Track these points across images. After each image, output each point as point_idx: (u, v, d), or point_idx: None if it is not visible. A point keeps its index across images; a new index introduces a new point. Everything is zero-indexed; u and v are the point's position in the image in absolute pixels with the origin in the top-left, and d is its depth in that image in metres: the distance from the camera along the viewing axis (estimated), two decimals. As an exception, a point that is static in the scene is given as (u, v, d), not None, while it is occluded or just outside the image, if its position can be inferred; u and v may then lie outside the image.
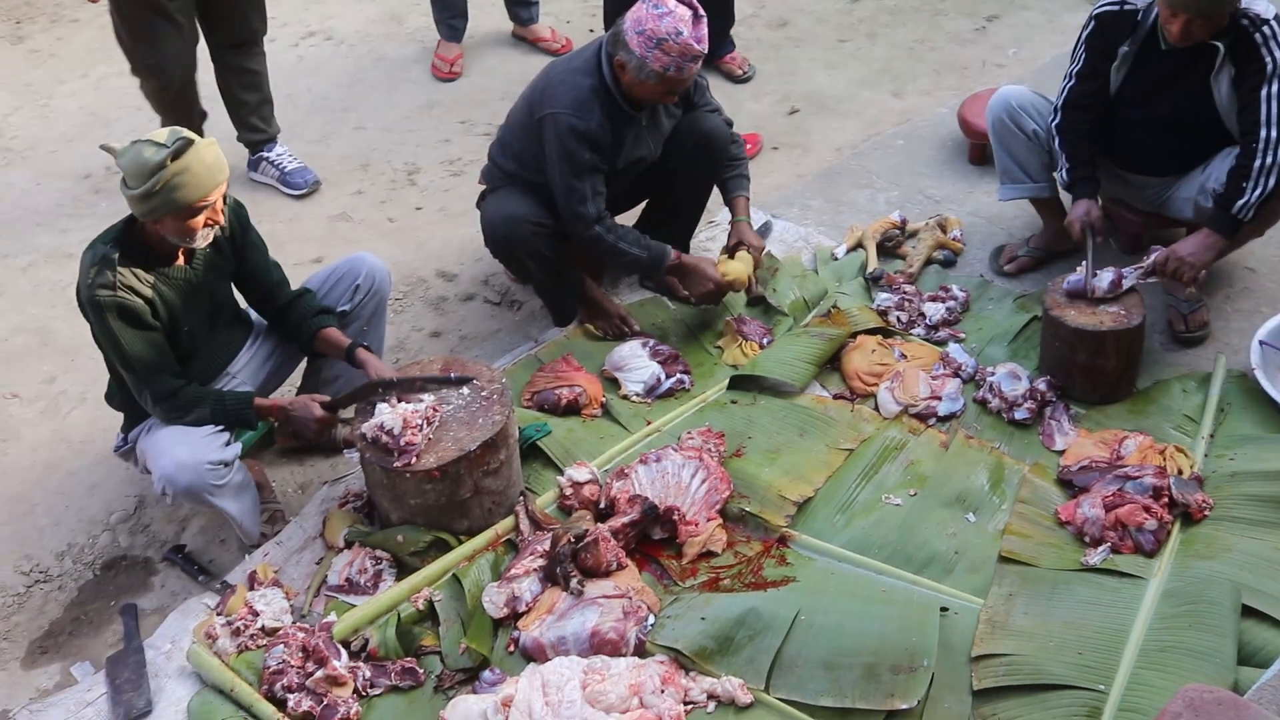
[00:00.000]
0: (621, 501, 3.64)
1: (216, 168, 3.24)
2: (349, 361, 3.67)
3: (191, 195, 3.19)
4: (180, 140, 3.15)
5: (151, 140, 3.17)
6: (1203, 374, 4.10)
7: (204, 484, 3.41)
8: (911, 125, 5.67)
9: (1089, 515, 3.55)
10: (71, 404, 4.36)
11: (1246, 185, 3.87)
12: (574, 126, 3.97)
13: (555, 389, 4.10)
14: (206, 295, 3.52)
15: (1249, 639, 3.17)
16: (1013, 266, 4.65)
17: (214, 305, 3.59)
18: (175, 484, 3.39)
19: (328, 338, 3.70)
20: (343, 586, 3.56)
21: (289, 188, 5.47)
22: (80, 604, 3.70)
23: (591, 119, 3.98)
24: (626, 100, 4.03)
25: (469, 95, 6.12)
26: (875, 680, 3.14)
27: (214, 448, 3.44)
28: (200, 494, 3.44)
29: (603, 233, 4.13)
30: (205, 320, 3.56)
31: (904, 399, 4.06)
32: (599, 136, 4.00)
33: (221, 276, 3.59)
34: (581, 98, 3.99)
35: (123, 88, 6.24)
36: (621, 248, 4.17)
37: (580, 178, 4.05)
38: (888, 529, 3.65)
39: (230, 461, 3.49)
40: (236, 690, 3.25)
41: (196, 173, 3.17)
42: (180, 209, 3.21)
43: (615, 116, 4.04)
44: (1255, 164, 3.85)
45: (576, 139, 3.98)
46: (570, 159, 4.02)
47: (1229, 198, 3.91)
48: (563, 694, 3.12)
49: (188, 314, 3.46)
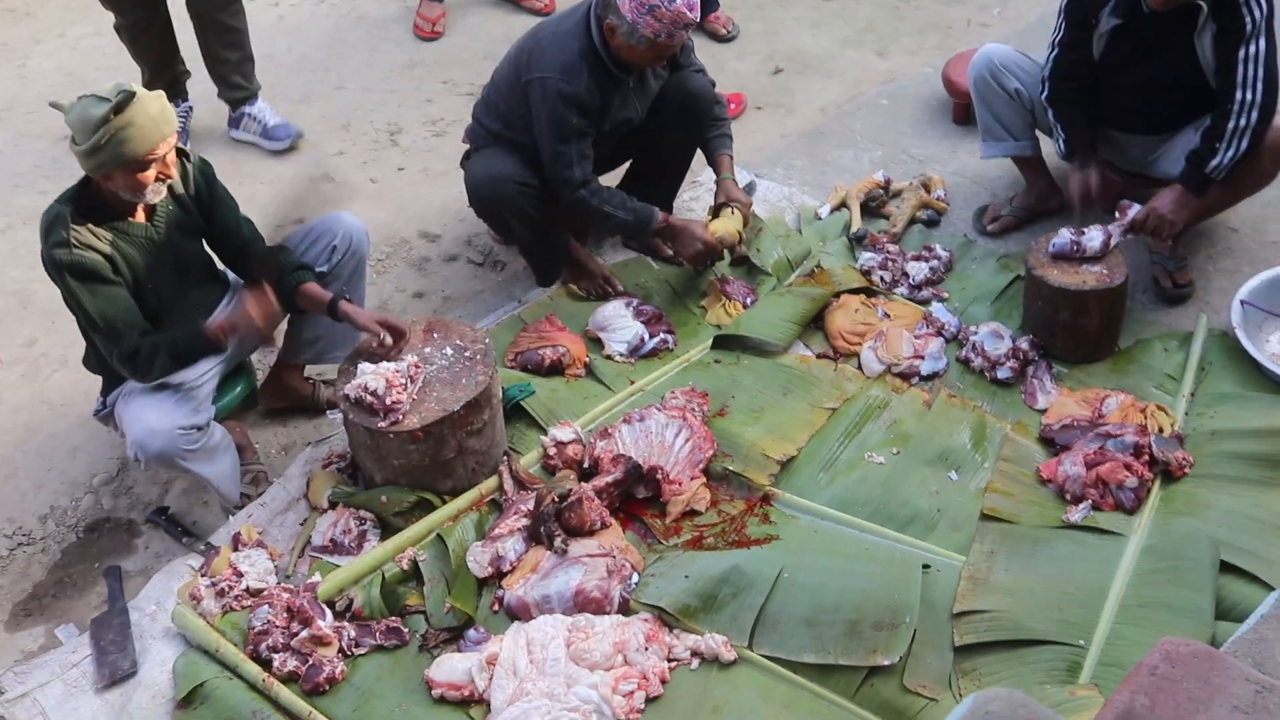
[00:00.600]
0: (605, 461, 3.65)
1: (162, 120, 3.21)
2: (331, 316, 3.63)
3: (138, 148, 3.17)
4: (123, 93, 3.13)
5: (96, 95, 3.15)
6: (1184, 333, 4.12)
7: (176, 449, 3.40)
8: (896, 85, 5.65)
9: (1070, 473, 3.57)
10: (52, 366, 4.34)
11: (1219, 146, 3.89)
12: (562, 91, 3.95)
13: (539, 349, 4.10)
14: (171, 254, 3.49)
15: (1227, 594, 3.20)
16: (996, 226, 4.66)
17: (181, 264, 3.54)
18: (146, 450, 3.38)
19: (308, 293, 3.63)
20: (327, 547, 3.57)
21: (271, 141, 5.44)
22: (64, 566, 3.70)
23: (579, 83, 3.96)
24: (615, 63, 4.01)
25: (451, 55, 6.08)
26: (857, 637, 3.16)
27: (185, 412, 3.42)
28: (173, 459, 3.42)
29: (588, 196, 4.12)
30: (173, 279, 3.52)
31: (887, 358, 4.07)
32: (587, 101, 3.98)
33: (189, 235, 3.55)
34: (570, 62, 3.96)
35: (100, 48, 6.19)
36: (607, 210, 4.16)
37: (567, 142, 4.03)
38: (870, 487, 3.67)
39: (204, 425, 3.47)
40: (221, 651, 3.26)
41: (141, 125, 3.15)
42: (127, 162, 3.19)
43: (603, 80, 4.02)
44: (1229, 125, 3.86)
45: (564, 103, 3.96)
46: (558, 124, 4.00)
47: (1202, 157, 3.92)
48: (547, 652, 3.14)
49: (151, 273, 3.42)
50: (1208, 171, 3.92)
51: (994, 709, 1.77)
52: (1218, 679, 2.09)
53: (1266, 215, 4.57)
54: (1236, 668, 2.10)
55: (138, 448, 3.39)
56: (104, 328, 3.33)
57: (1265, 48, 3.85)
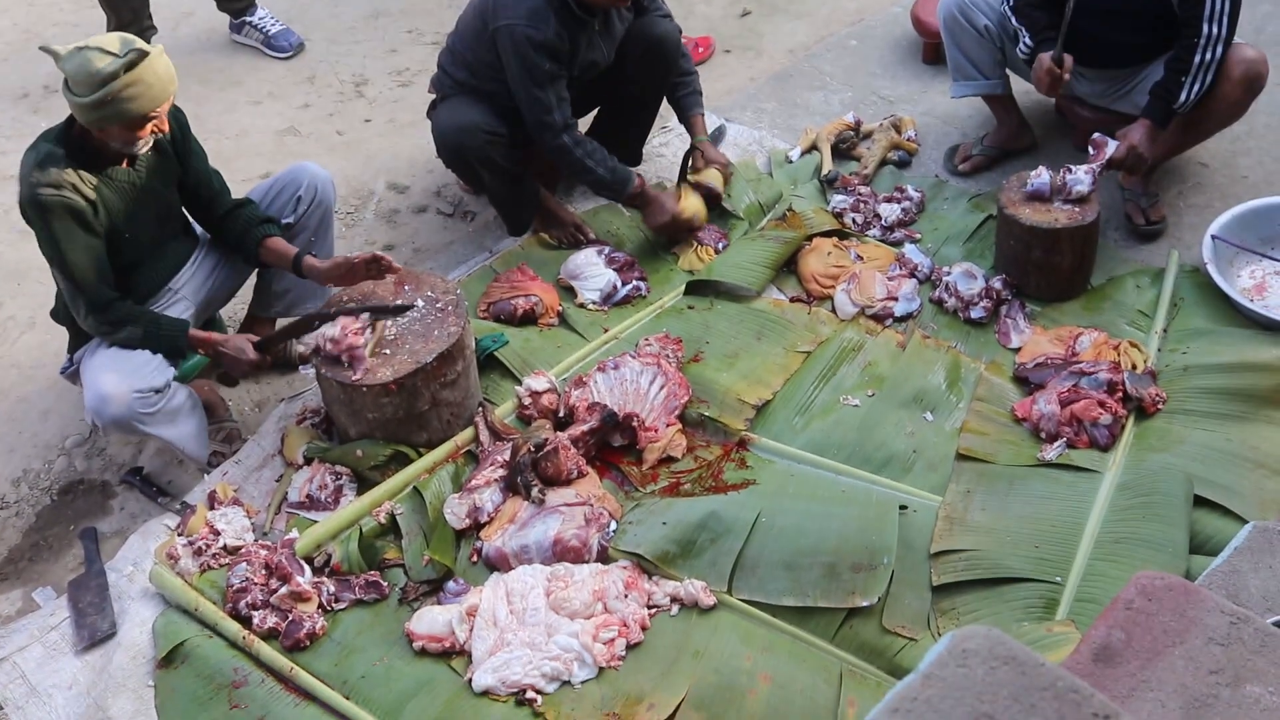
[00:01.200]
0: (580, 409, 3.64)
1: (168, 79, 3.20)
2: (295, 272, 3.62)
3: (144, 106, 3.15)
4: (134, 51, 3.09)
5: (103, 48, 3.09)
6: (1156, 269, 4.13)
7: (133, 414, 3.36)
8: (865, 25, 5.61)
9: (1045, 411, 3.58)
10: (20, 329, 4.29)
11: (1185, 79, 3.89)
12: (530, 36, 3.90)
13: (511, 299, 4.08)
14: (151, 200, 3.46)
15: (1200, 528, 3.22)
16: (967, 166, 4.64)
17: (159, 212, 3.52)
18: (102, 415, 3.35)
19: (273, 248, 3.63)
20: (304, 503, 3.56)
21: (274, 50, 5.59)
22: (39, 529, 3.68)
23: (547, 28, 3.91)
24: (580, 5, 3.96)
25: (415, 4, 6.00)
26: (836, 579, 3.17)
27: (144, 374, 3.38)
28: (130, 423, 3.38)
29: (570, 144, 4.08)
30: (152, 227, 3.50)
31: (861, 300, 4.07)
32: (556, 45, 3.94)
33: (166, 181, 3.52)
34: (536, 6, 3.91)
35: (55, 3, 6.09)
36: (588, 164, 4.12)
37: (543, 87, 3.99)
38: (846, 430, 3.67)
39: (162, 388, 3.42)
40: (200, 609, 3.25)
41: (150, 84, 3.13)
42: (130, 118, 3.16)
43: (569, 23, 3.97)
44: (1195, 59, 3.85)
45: (534, 49, 3.92)
46: (530, 69, 3.95)
47: (1170, 91, 3.92)
48: (527, 602, 3.15)
49: (130, 220, 3.40)
50: (1175, 107, 3.91)
51: (971, 646, 1.77)
52: (1193, 612, 2.10)
53: (1236, 150, 4.58)
54: (1211, 600, 2.12)
55: (94, 413, 3.36)
56: (75, 275, 3.30)
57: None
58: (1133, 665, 2.05)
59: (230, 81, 5.52)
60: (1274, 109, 4.71)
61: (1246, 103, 4.02)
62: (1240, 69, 3.91)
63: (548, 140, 4.09)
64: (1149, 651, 2.06)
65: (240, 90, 5.47)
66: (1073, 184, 3.93)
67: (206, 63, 5.61)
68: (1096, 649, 2.09)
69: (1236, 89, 3.94)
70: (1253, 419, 3.52)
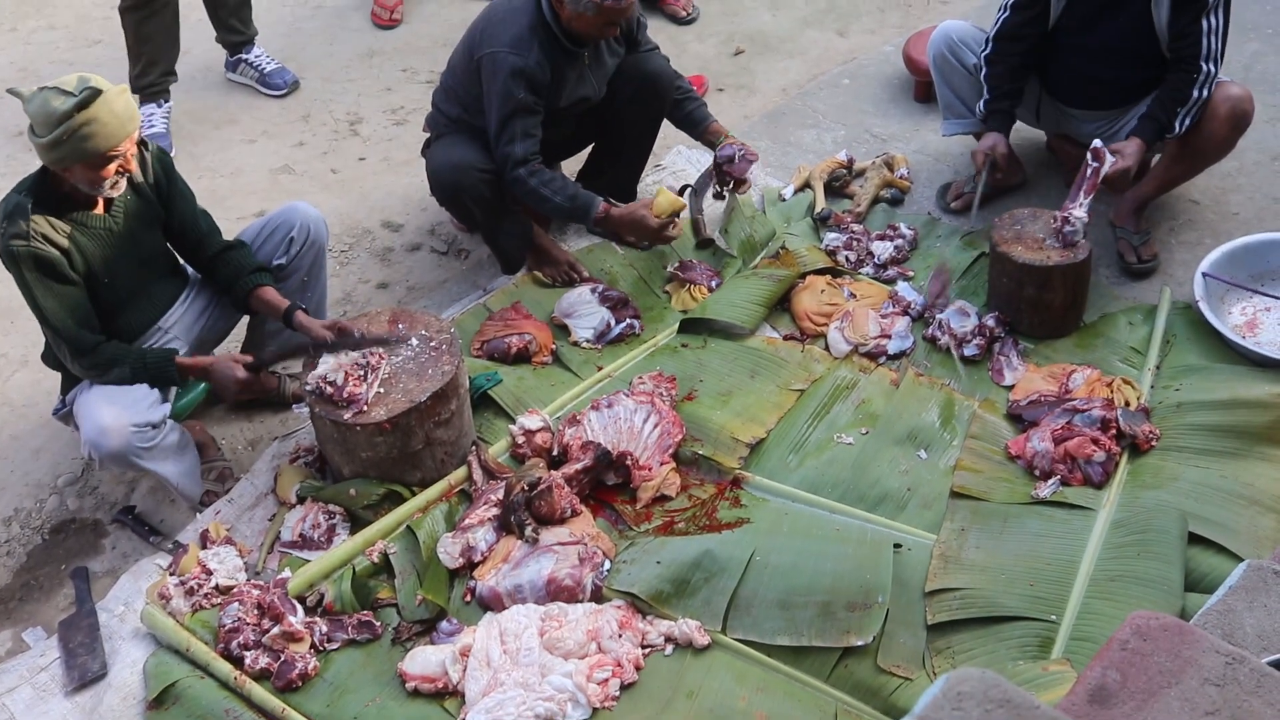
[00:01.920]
0: (574, 448, 3.64)
1: (126, 117, 3.19)
2: (287, 324, 3.61)
3: (101, 145, 3.14)
4: (88, 90, 3.10)
5: (59, 88, 3.11)
6: (1148, 306, 4.14)
7: (131, 448, 3.36)
8: (857, 64, 5.65)
9: (1038, 449, 3.58)
10: (13, 367, 4.28)
11: (1181, 110, 3.95)
12: (513, 64, 3.92)
13: (505, 337, 4.08)
14: (131, 245, 3.45)
15: (1196, 565, 3.22)
16: (960, 203, 4.66)
17: (142, 256, 3.51)
18: (100, 449, 3.34)
19: (264, 298, 3.63)
20: (296, 542, 3.54)
21: (269, 88, 5.63)
22: (30, 569, 3.66)
23: (530, 56, 3.92)
24: (567, 36, 3.98)
25: (410, 43, 6.03)
26: (831, 618, 3.16)
27: (141, 409, 3.39)
28: (128, 458, 3.38)
29: (525, 175, 4.07)
30: (133, 271, 3.49)
31: (854, 338, 4.07)
32: (537, 74, 3.95)
33: (149, 225, 3.51)
34: (519, 34, 3.93)
35: (53, 41, 6.11)
36: (544, 194, 4.10)
37: (512, 117, 3.99)
38: (840, 468, 3.67)
39: (159, 423, 3.43)
40: (192, 649, 3.23)
41: (106, 123, 3.12)
42: (90, 158, 3.16)
43: (555, 53, 3.99)
44: (1193, 93, 3.92)
45: (513, 76, 3.93)
46: (504, 98, 3.96)
47: (1164, 120, 3.99)
48: (521, 641, 3.13)
49: (109, 265, 3.39)
50: (1167, 135, 4.01)
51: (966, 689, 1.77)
52: (1188, 652, 2.10)
53: (1226, 187, 4.60)
54: (1206, 640, 2.11)
55: (91, 446, 3.35)
56: (54, 323, 3.31)
57: (1224, 23, 3.89)
58: (1128, 706, 2.04)
59: (225, 119, 5.53)
60: (1263, 147, 4.75)
61: (1234, 140, 4.07)
62: (1226, 107, 3.96)
63: (506, 171, 4.09)
64: (1144, 692, 2.06)
65: (235, 128, 5.48)
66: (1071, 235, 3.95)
67: (202, 101, 5.63)
68: (1092, 690, 2.09)
69: (1223, 126, 3.99)
70: (1246, 456, 3.53)
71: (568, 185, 4.16)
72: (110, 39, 5.94)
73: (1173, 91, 3.96)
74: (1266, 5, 5.60)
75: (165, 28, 5.15)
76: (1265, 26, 5.46)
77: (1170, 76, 3.98)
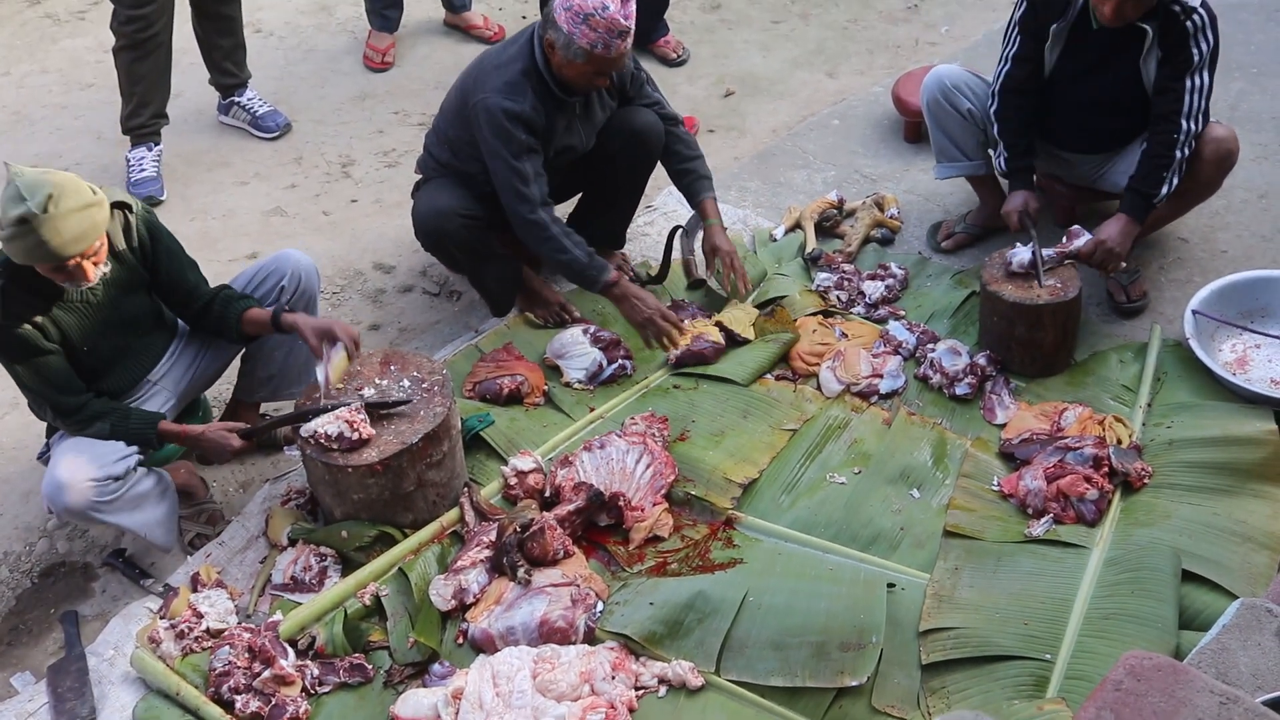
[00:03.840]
0: (567, 489, 3.63)
1: (80, 232, 3.08)
2: (277, 329, 3.58)
3: (58, 255, 3.07)
4: (40, 201, 3.00)
5: (19, 190, 3.01)
6: (1139, 344, 4.15)
7: (88, 503, 3.30)
8: (846, 105, 5.69)
9: (1031, 487, 3.58)
10: (3, 410, 4.27)
11: (1166, 174, 3.96)
12: (507, 109, 3.92)
13: (497, 378, 4.08)
14: (113, 312, 3.42)
15: (1190, 603, 3.22)
16: (950, 243, 4.68)
17: (123, 321, 3.48)
18: (56, 503, 3.30)
19: (253, 319, 3.60)
20: (288, 585, 3.53)
21: (261, 131, 5.67)
22: (19, 613, 3.64)
23: (524, 101, 3.93)
24: (559, 85, 4.00)
25: (402, 85, 6.06)
26: (825, 658, 3.15)
27: (105, 463, 3.32)
28: (85, 513, 3.33)
29: (548, 220, 4.01)
30: (114, 337, 3.46)
31: (846, 378, 4.08)
32: (532, 118, 3.95)
33: (132, 291, 3.48)
34: (513, 80, 3.94)
35: (45, 85, 6.14)
36: (565, 244, 4.02)
37: (520, 159, 3.96)
38: (833, 508, 3.67)
39: (121, 475, 3.35)
40: (183, 693, 3.21)
41: (60, 232, 3.03)
42: (48, 263, 3.11)
43: (547, 100, 4.00)
44: (1176, 155, 3.93)
45: (510, 120, 3.92)
46: (507, 141, 3.94)
47: (1149, 188, 3.99)
48: (513, 684, 3.11)
49: (88, 336, 3.37)
50: (1155, 202, 4.01)
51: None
52: (1182, 692, 2.10)
53: (1215, 225, 4.63)
54: (1200, 680, 2.11)
55: (49, 500, 3.31)
56: (34, 392, 3.32)
57: (1209, 81, 3.92)
58: (1124, 746, 2.04)
59: (217, 162, 5.55)
60: (1250, 185, 4.78)
61: (1219, 180, 4.10)
62: (1211, 148, 3.99)
63: (523, 213, 4.00)
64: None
65: (227, 171, 5.50)
66: (1011, 256, 4.00)
67: (193, 143, 5.65)
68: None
69: (1209, 167, 4.02)
70: (1239, 493, 3.54)
71: (583, 242, 4.09)
72: (102, 81, 5.98)
73: (1154, 156, 3.98)
74: (1250, 45, 5.65)
75: (157, 69, 5.17)
76: (1250, 66, 5.51)
77: (1151, 137, 4.00)
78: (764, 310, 4.42)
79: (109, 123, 5.49)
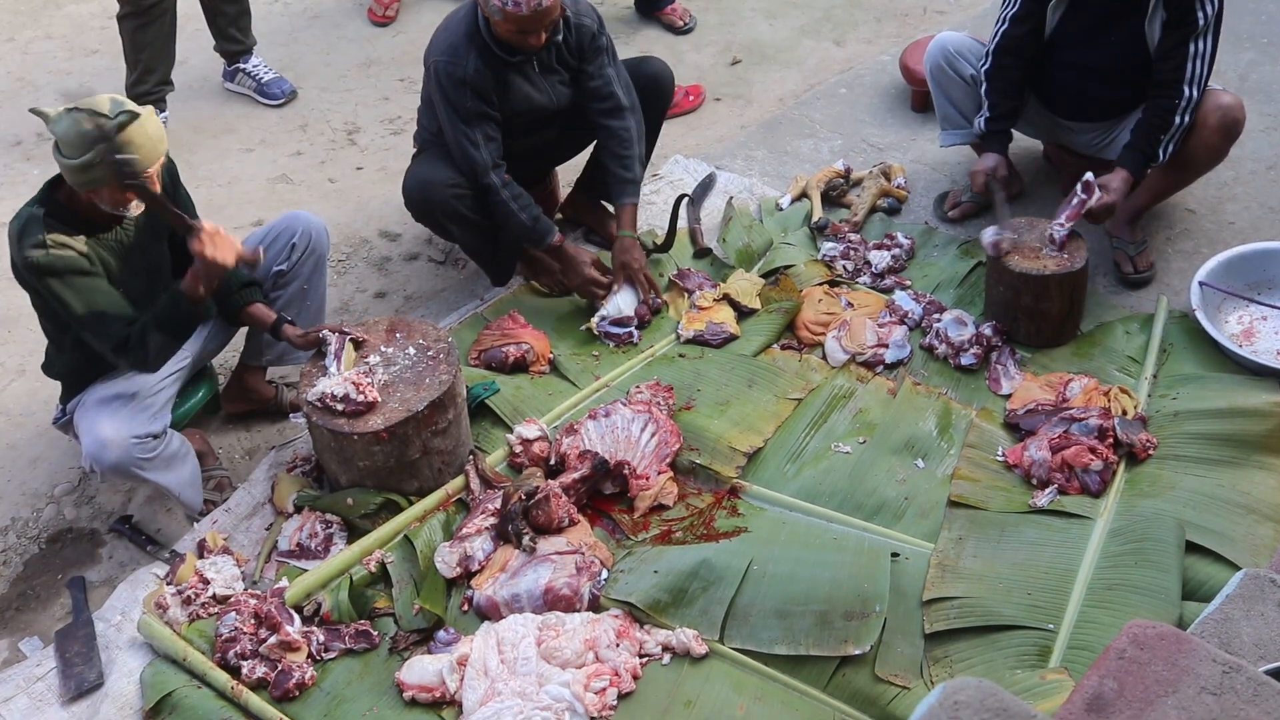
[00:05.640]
0: (572, 457, 3.64)
1: (158, 139, 3.18)
2: (274, 336, 3.64)
3: (149, 160, 3.15)
4: (124, 113, 3.08)
5: (92, 110, 3.08)
6: (1145, 315, 4.14)
7: (131, 459, 3.35)
8: (853, 73, 5.66)
9: (1036, 458, 3.58)
10: (10, 376, 4.28)
11: (1164, 138, 3.96)
12: (451, 72, 3.90)
13: (502, 346, 4.08)
14: (141, 257, 3.45)
15: (1193, 574, 3.22)
16: (956, 213, 4.67)
17: (150, 266, 3.50)
18: (101, 462, 3.34)
19: (254, 314, 3.65)
20: (294, 551, 3.54)
21: (266, 98, 5.68)
22: (26, 579, 3.65)
23: (467, 65, 3.90)
24: (499, 45, 3.94)
25: (407, 52, 6.04)
26: (828, 627, 3.16)
27: (142, 420, 3.38)
28: (129, 469, 3.37)
29: (498, 183, 4.03)
30: (143, 282, 3.47)
31: (851, 347, 4.08)
32: (477, 81, 3.92)
33: (157, 237, 3.51)
34: (456, 43, 3.92)
35: (50, 51, 6.12)
36: (512, 208, 4.06)
37: (468, 123, 3.96)
38: (838, 477, 3.67)
39: (160, 433, 3.43)
40: (189, 659, 3.23)
41: (141, 145, 3.12)
42: (134, 175, 3.14)
43: (492, 61, 3.95)
44: (1176, 120, 3.92)
45: (455, 85, 3.91)
46: (454, 106, 3.94)
47: (1147, 149, 3.99)
48: (518, 651, 3.13)
49: (123, 277, 3.38)
50: (1153, 165, 4.01)
51: (962, 698, 1.77)
52: (1185, 660, 2.10)
53: (1222, 196, 4.61)
54: (1203, 649, 2.12)
55: (92, 459, 3.35)
56: (91, 321, 3.28)
57: (1213, 47, 3.90)
58: (1125, 715, 2.05)
59: (223, 129, 5.54)
60: (1259, 156, 4.76)
61: (1225, 149, 4.07)
62: (1216, 116, 3.96)
63: (478, 179, 4.04)
64: (1142, 701, 2.06)
65: (233, 138, 5.49)
66: (1058, 233, 3.95)
67: (199, 110, 5.64)
68: (1089, 699, 2.09)
69: (1214, 135, 3.99)
70: (1243, 464, 3.53)
71: (533, 205, 4.12)
72: (106, 48, 5.96)
73: (1155, 119, 3.96)
74: (1261, 15, 5.62)
75: (162, 36, 5.16)
76: (1260, 36, 5.48)
77: (1152, 102, 3.99)
78: (769, 279, 4.41)
79: (114, 89, 5.41)
